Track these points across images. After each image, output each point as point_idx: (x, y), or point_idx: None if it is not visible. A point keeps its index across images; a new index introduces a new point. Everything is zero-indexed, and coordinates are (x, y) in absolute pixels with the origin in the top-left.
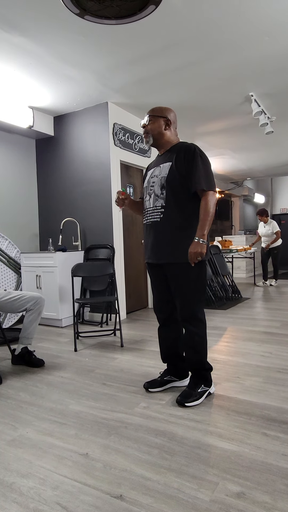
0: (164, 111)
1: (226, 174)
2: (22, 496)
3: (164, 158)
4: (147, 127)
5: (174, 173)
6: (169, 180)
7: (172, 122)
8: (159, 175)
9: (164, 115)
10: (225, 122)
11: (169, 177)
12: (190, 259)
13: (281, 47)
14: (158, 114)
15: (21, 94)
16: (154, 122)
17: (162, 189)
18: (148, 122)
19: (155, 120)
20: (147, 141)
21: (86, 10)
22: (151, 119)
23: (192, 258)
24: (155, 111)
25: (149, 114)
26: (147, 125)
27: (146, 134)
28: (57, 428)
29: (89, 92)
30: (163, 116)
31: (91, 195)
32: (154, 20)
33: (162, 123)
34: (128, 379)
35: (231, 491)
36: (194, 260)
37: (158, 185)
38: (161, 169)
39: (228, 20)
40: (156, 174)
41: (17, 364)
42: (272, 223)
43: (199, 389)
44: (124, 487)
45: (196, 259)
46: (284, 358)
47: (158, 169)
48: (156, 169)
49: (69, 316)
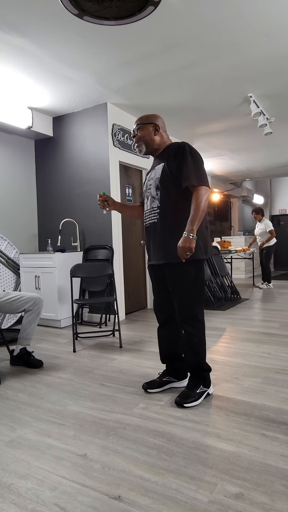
0: (150, 118)
1: (225, 175)
2: (20, 497)
3: (158, 161)
4: (137, 135)
5: (166, 172)
6: (162, 180)
7: (160, 127)
8: (154, 177)
9: (152, 121)
10: (224, 123)
11: (162, 177)
12: (179, 254)
13: (280, 48)
14: (146, 122)
15: (20, 94)
16: (143, 129)
17: (156, 190)
18: (137, 130)
19: (144, 127)
20: (140, 150)
21: (85, 11)
22: (140, 127)
23: (180, 253)
24: (142, 119)
25: (137, 123)
26: (136, 134)
27: (138, 142)
28: (56, 429)
29: (88, 93)
30: (151, 123)
31: (90, 195)
32: (153, 21)
33: (151, 129)
34: (127, 380)
35: (229, 492)
36: (184, 256)
37: (153, 186)
38: (156, 171)
39: (227, 21)
40: (152, 176)
41: (15, 365)
42: (265, 222)
43: (198, 390)
44: (122, 488)
45: (185, 254)
46: (283, 359)
47: (153, 171)
48: (152, 172)
49: (68, 317)
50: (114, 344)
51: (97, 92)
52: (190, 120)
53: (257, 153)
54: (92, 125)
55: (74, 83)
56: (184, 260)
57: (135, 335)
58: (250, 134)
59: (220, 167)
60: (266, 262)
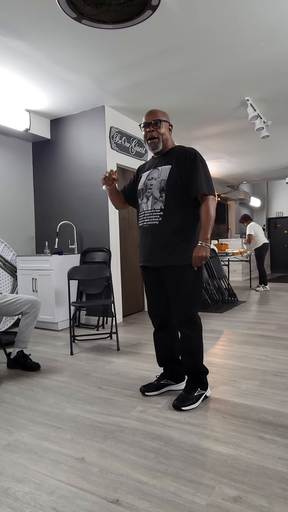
0: (167, 116)
1: (222, 177)
2: (17, 501)
3: (162, 161)
4: (157, 131)
5: (174, 176)
6: (169, 183)
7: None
8: (157, 178)
9: (169, 120)
10: (221, 126)
11: (170, 180)
12: (194, 263)
13: (277, 52)
14: (165, 119)
15: (18, 97)
16: (162, 126)
17: (161, 192)
18: (157, 126)
19: (165, 124)
20: (155, 147)
21: (84, 15)
22: (161, 124)
23: (196, 262)
24: (164, 115)
25: (158, 119)
26: (156, 129)
27: (155, 138)
28: (53, 432)
29: (86, 96)
30: (168, 121)
31: (88, 198)
32: (151, 25)
33: (169, 127)
34: (125, 383)
35: (227, 495)
36: (198, 264)
37: (156, 187)
38: (160, 171)
39: (224, 25)
40: (154, 176)
41: (12, 368)
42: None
43: (196, 393)
44: (120, 491)
45: (200, 262)
46: (280, 362)
47: (156, 171)
48: (153, 172)
49: (65, 320)
50: (112, 346)
51: (95, 95)
52: (187, 123)
53: (254, 156)
54: (89, 127)
55: (72, 86)
56: (196, 268)
57: (133, 337)
58: (247, 137)
59: (217, 169)
60: (259, 264)
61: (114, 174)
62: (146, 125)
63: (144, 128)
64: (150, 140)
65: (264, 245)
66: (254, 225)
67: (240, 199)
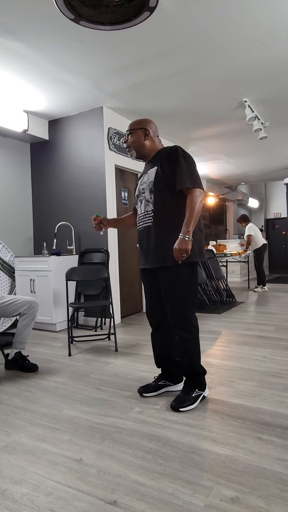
0: (141, 123)
1: (220, 178)
2: (15, 503)
3: (150, 165)
4: (128, 142)
5: (159, 176)
6: (156, 184)
7: (151, 131)
8: (147, 181)
9: (142, 126)
10: (219, 128)
11: (156, 181)
12: (175, 256)
13: (274, 53)
14: (136, 127)
15: (16, 98)
16: (133, 135)
17: (150, 194)
18: (128, 137)
19: (134, 132)
20: (131, 155)
21: (81, 16)
22: (130, 133)
23: (177, 255)
24: (133, 124)
25: (128, 129)
26: (128, 140)
27: (128, 148)
28: (51, 434)
29: (84, 97)
30: (141, 128)
31: (86, 199)
32: (149, 27)
33: (141, 134)
34: (123, 384)
35: (225, 496)
36: (180, 258)
37: (147, 190)
38: (149, 175)
39: (222, 27)
40: (145, 180)
41: (10, 369)
42: (247, 227)
43: (193, 394)
44: (118, 492)
45: (182, 256)
46: (278, 362)
47: (146, 176)
48: (144, 176)
49: (63, 321)
50: (110, 347)
51: (93, 96)
52: (185, 124)
53: (252, 157)
54: (88, 128)
55: (70, 87)
56: (180, 262)
57: (131, 338)
58: (245, 138)
59: (215, 171)
60: (259, 265)
61: (96, 219)
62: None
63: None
64: (127, 149)
65: (263, 245)
66: (253, 226)
67: (238, 200)
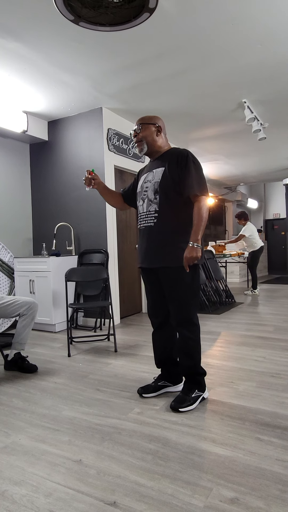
0: (153, 119)
1: (220, 179)
2: (14, 504)
3: (157, 164)
4: (139, 135)
5: (167, 178)
6: (162, 185)
7: (162, 129)
8: (152, 180)
9: (154, 122)
10: (219, 128)
11: (162, 182)
12: (185, 264)
13: (274, 54)
14: (149, 122)
15: (16, 98)
16: (145, 129)
17: (155, 194)
18: (139, 130)
19: (146, 127)
20: (141, 149)
21: (81, 17)
22: (143, 127)
23: (187, 262)
24: (145, 119)
25: (140, 122)
26: (139, 133)
27: (139, 142)
28: (50, 435)
29: (84, 98)
30: (154, 123)
31: (85, 200)
32: (148, 28)
33: (154, 130)
34: (122, 385)
35: (225, 496)
36: (190, 264)
37: (151, 190)
38: (154, 174)
39: (221, 28)
40: (149, 179)
41: (10, 370)
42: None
43: (193, 394)
44: (117, 493)
45: (192, 263)
46: (278, 363)
47: (151, 174)
48: (149, 174)
49: (62, 321)
50: (109, 348)
51: (92, 97)
52: (185, 125)
53: (251, 158)
54: (87, 129)
55: (69, 88)
56: (188, 269)
57: (130, 339)
58: (245, 139)
59: (214, 171)
60: (251, 267)
61: (90, 173)
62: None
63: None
64: (136, 143)
65: (261, 248)
66: (251, 227)
67: (237, 201)
